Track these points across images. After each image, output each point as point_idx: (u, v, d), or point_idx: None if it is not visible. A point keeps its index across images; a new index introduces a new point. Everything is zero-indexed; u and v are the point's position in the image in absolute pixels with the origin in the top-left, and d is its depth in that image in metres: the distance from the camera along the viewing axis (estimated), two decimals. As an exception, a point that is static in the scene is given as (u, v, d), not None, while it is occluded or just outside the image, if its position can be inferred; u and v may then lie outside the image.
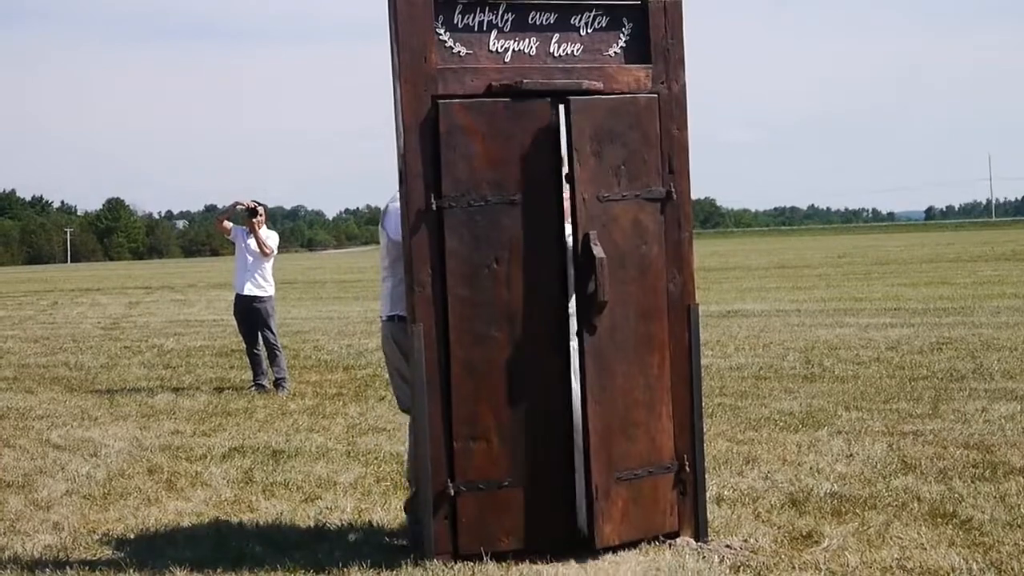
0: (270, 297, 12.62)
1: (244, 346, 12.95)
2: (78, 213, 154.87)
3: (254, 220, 12.35)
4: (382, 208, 6.25)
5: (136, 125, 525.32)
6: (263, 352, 12.48)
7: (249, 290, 12.49)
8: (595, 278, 5.61)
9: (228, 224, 12.71)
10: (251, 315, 12.51)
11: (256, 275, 12.49)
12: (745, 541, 5.91)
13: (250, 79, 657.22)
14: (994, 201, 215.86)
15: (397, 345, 6.05)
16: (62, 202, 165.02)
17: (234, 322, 13.31)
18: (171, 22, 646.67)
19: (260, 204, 12.47)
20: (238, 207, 12.49)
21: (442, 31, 5.67)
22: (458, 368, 5.64)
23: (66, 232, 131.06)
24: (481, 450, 5.67)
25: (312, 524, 6.69)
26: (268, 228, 12.68)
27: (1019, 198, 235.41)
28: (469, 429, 5.66)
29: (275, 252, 12.65)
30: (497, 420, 5.68)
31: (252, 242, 12.45)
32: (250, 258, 12.50)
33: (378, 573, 5.57)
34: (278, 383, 12.30)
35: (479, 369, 5.66)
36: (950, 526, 6.11)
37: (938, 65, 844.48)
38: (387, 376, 7.00)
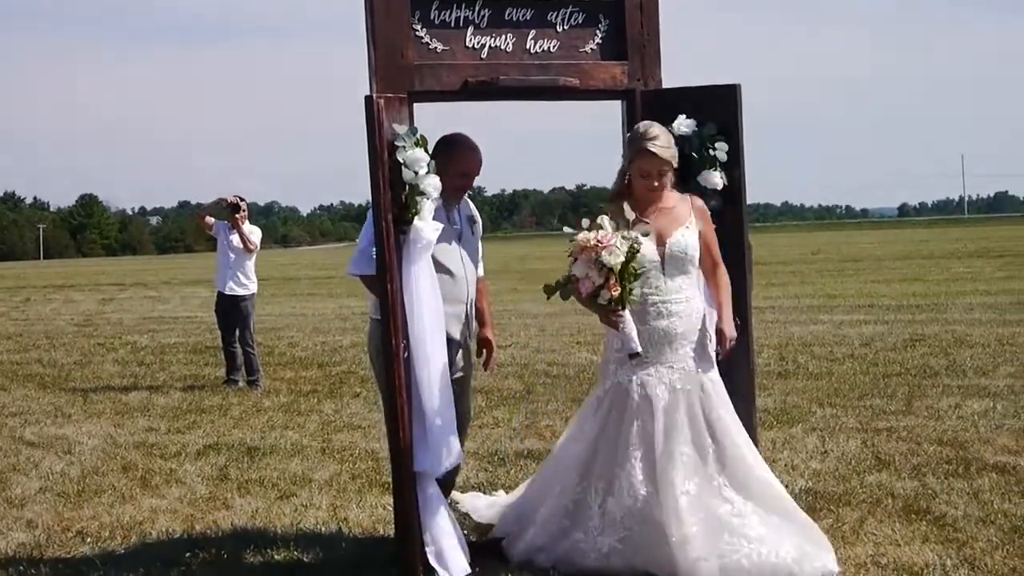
0: (252, 295, 12.56)
1: (220, 342, 12.89)
2: (51, 209, 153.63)
3: (237, 216, 12.29)
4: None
5: (109, 121, 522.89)
6: (239, 349, 12.43)
7: (231, 289, 12.42)
8: None
9: (210, 220, 12.62)
10: (232, 312, 12.45)
11: (238, 273, 12.43)
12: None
13: (223, 75, 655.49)
14: (967, 198, 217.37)
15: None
16: (35, 198, 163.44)
17: (211, 318, 13.21)
18: (143, 18, 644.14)
19: (242, 199, 12.40)
20: (221, 203, 12.42)
21: (418, 27, 5.66)
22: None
23: (38, 228, 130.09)
24: None
25: (288, 521, 6.67)
26: (250, 224, 12.61)
27: (992, 195, 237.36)
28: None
29: (258, 248, 12.61)
30: None
31: (235, 238, 12.39)
32: (232, 255, 12.43)
33: (354, 569, 5.55)
34: (252, 381, 12.26)
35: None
36: (924, 522, 6.15)
37: (913, 63, 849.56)
38: (368, 373, 6.95)
